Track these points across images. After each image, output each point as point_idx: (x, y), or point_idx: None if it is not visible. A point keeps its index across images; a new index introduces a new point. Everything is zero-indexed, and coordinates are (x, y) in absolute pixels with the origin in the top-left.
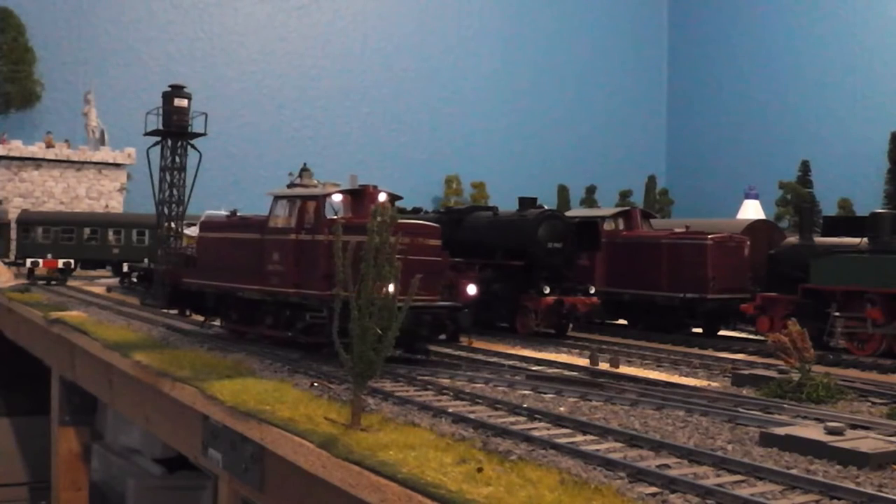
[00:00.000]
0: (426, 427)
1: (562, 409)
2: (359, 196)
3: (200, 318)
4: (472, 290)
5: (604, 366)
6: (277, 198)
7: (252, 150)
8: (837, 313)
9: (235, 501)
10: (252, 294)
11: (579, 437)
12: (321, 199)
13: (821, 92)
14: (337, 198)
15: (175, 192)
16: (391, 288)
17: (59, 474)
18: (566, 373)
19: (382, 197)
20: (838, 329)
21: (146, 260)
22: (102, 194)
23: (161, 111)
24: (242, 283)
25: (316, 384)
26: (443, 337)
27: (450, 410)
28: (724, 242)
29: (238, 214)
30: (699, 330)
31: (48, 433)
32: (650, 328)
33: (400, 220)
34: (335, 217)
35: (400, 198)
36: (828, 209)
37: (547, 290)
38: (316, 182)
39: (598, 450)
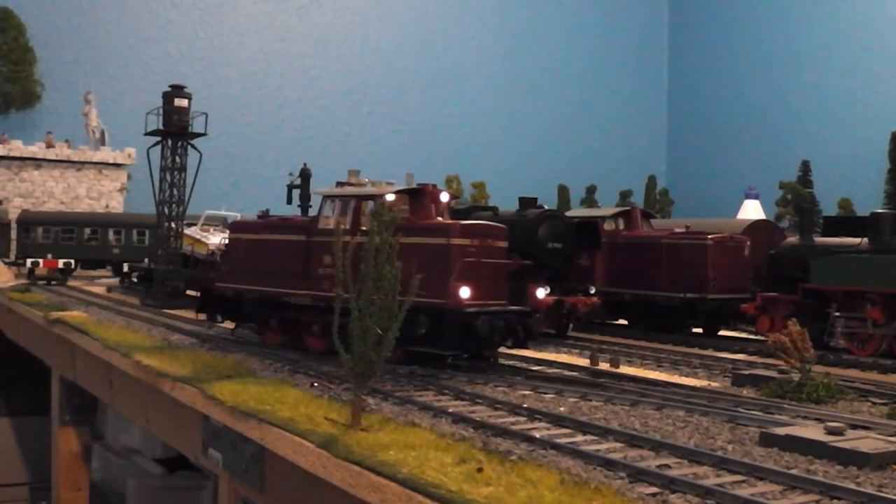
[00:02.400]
0: (426, 427)
1: (562, 409)
2: (418, 196)
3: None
4: (541, 293)
5: (604, 366)
6: (328, 197)
7: (252, 150)
8: (838, 313)
9: (235, 501)
10: (301, 300)
11: (579, 437)
12: (380, 199)
13: (821, 92)
14: (389, 198)
15: (175, 192)
16: (466, 292)
17: (59, 474)
18: (566, 373)
19: (445, 197)
20: (838, 329)
21: (146, 260)
22: (103, 194)
23: (161, 111)
24: (288, 288)
25: (316, 384)
26: (509, 344)
27: (450, 410)
28: (724, 242)
29: (271, 214)
30: (699, 330)
31: (48, 433)
32: (650, 328)
33: (469, 222)
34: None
35: (457, 197)
36: (828, 209)
37: (547, 290)
38: (366, 181)
39: (598, 450)
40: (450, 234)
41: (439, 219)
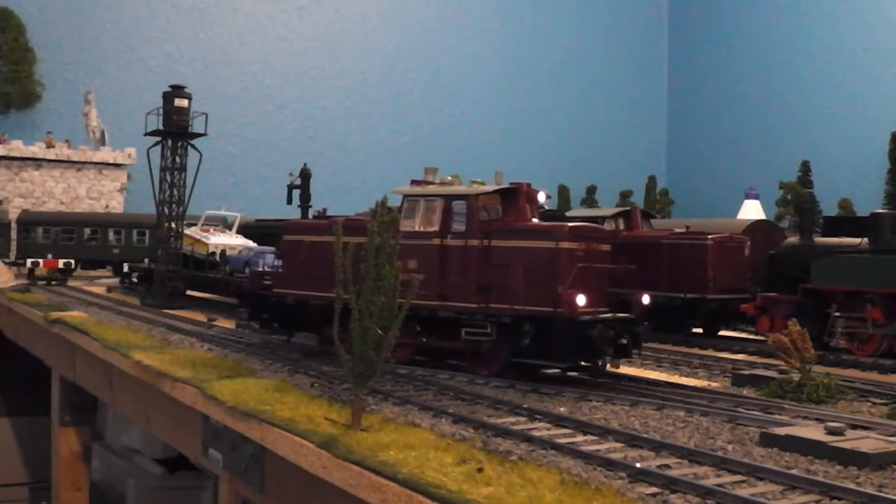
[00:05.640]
0: (426, 427)
1: (562, 409)
2: (511, 195)
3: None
4: (646, 299)
5: None
6: (410, 197)
7: (252, 150)
8: (838, 313)
9: (236, 502)
10: None
11: (579, 437)
12: (472, 199)
13: (821, 92)
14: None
15: (175, 192)
16: (582, 300)
17: (59, 474)
18: (566, 373)
19: (542, 197)
20: (838, 329)
21: (146, 260)
22: (103, 194)
23: (161, 111)
24: None
25: (316, 384)
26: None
27: (450, 410)
28: (724, 242)
29: (329, 215)
30: (699, 330)
31: (48, 433)
32: (650, 328)
33: (577, 224)
34: (488, 219)
35: (549, 197)
36: (828, 209)
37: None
38: (449, 178)
39: (598, 450)
40: (558, 238)
41: (535, 220)
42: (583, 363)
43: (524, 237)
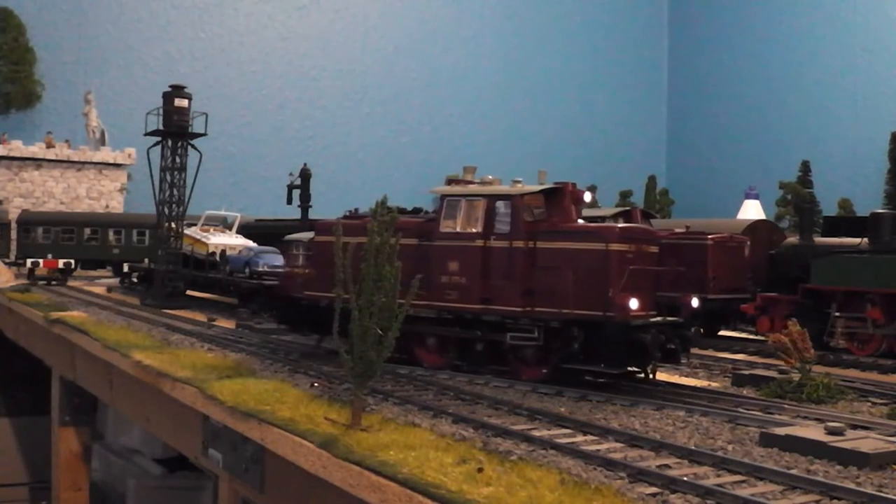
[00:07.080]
0: (426, 427)
1: (562, 409)
2: (555, 196)
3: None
4: (695, 302)
5: None
6: (449, 197)
7: (252, 150)
8: (838, 313)
9: (235, 501)
10: (423, 311)
11: (579, 437)
12: (517, 199)
13: (821, 92)
14: None
15: (175, 192)
16: (635, 304)
17: (59, 474)
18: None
19: (588, 197)
20: (838, 329)
21: (146, 260)
22: (103, 194)
23: (161, 111)
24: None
25: (316, 384)
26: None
27: (450, 410)
28: (724, 242)
29: (361, 214)
30: (699, 330)
31: (48, 433)
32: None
33: (626, 225)
34: (533, 220)
35: (594, 197)
36: (828, 209)
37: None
38: (489, 178)
39: (598, 450)
40: (608, 239)
41: (580, 221)
42: (631, 369)
43: (572, 239)
